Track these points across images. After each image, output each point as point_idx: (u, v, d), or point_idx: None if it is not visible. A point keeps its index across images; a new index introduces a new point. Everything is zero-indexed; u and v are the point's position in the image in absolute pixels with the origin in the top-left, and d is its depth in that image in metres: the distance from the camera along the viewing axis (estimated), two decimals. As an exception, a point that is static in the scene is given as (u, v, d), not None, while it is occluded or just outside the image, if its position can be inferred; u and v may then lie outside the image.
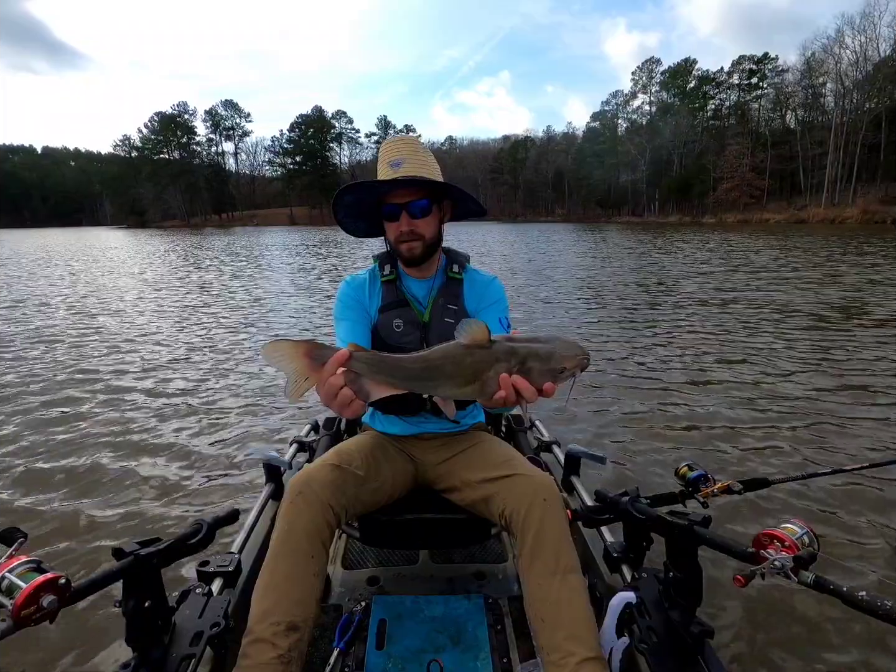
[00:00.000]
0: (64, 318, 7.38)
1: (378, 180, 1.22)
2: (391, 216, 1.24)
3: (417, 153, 1.23)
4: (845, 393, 3.83)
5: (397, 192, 1.22)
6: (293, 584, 0.99)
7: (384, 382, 0.81)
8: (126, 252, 22.76)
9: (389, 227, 1.27)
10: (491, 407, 0.85)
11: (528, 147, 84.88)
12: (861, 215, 35.33)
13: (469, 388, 0.80)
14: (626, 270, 12.44)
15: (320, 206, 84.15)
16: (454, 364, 0.79)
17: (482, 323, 0.78)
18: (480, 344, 0.77)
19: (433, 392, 0.83)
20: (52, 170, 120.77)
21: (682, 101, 63.48)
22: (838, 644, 1.64)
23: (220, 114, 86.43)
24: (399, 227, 1.24)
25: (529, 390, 0.77)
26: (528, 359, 0.76)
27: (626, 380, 4.30)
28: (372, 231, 1.39)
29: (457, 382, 0.80)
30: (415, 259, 1.27)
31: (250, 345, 5.78)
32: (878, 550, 2.09)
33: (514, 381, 0.77)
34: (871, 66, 43.35)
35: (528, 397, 0.77)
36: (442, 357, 0.79)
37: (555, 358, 0.76)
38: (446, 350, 0.79)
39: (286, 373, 0.79)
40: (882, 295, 7.93)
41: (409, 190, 1.22)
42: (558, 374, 0.77)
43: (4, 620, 0.69)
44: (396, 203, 1.22)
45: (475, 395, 0.81)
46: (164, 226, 76.30)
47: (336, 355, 0.78)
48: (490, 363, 0.77)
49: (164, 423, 3.51)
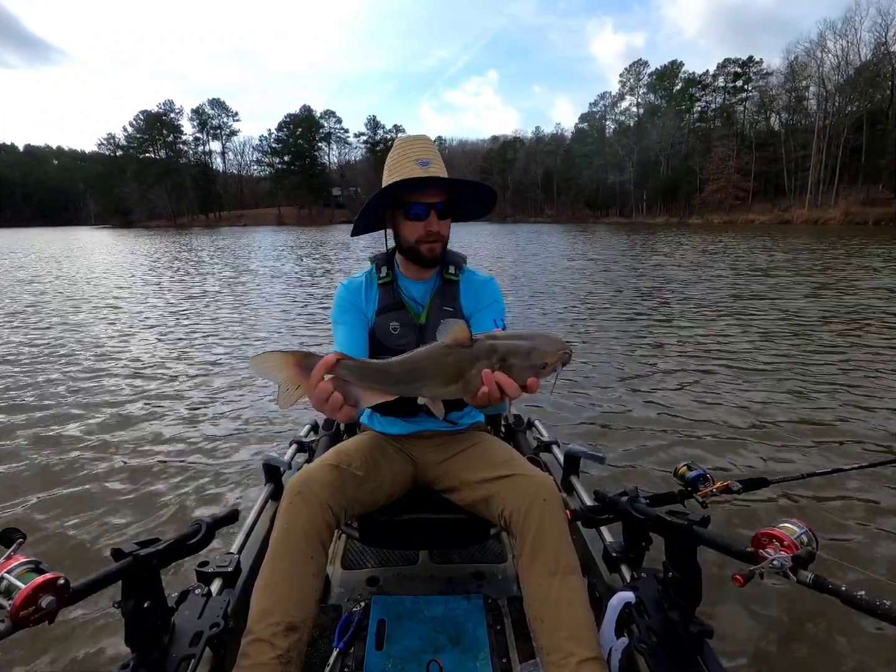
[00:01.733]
0: (65, 315, 7.25)
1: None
2: (417, 216, 1.22)
3: (438, 155, 1.25)
4: (846, 393, 3.87)
5: (427, 192, 1.21)
6: (292, 585, 0.99)
7: (372, 389, 0.83)
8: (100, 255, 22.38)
9: (412, 227, 1.24)
10: (477, 405, 0.86)
11: (516, 148, 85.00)
12: (843, 216, 36.03)
13: (453, 386, 0.81)
14: (625, 270, 12.48)
15: (309, 206, 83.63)
16: (437, 364, 0.80)
17: (462, 322, 0.79)
18: (462, 343, 0.78)
19: (419, 393, 0.84)
20: (35, 168, 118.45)
21: (669, 103, 64.06)
22: (837, 644, 1.65)
23: (208, 112, 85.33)
24: (427, 226, 1.23)
25: (512, 386, 0.77)
26: (509, 355, 0.77)
27: (626, 380, 4.33)
28: (369, 228, 1.38)
29: (440, 382, 0.81)
30: (435, 260, 1.27)
31: (250, 345, 5.77)
32: (877, 550, 2.11)
33: (497, 378, 0.77)
34: (853, 69, 44.09)
35: (511, 393, 0.78)
36: (424, 358, 0.81)
37: (536, 354, 0.77)
38: (429, 351, 0.81)
39: (277, 382, 0.80)
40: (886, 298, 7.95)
41: (438, 191, 1.22)
42: (540, 369, 0.78)
43: (3, 621, 0.69)
44: (426, 202, 1.21)
45: (460, 394, 0.83)
46: (150, 226, 75.23)
47: (322, 361, 0.79)
48: (472, 361, 0.78)
49: (163, 424, 3.51)
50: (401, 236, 1.28)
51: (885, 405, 3.61)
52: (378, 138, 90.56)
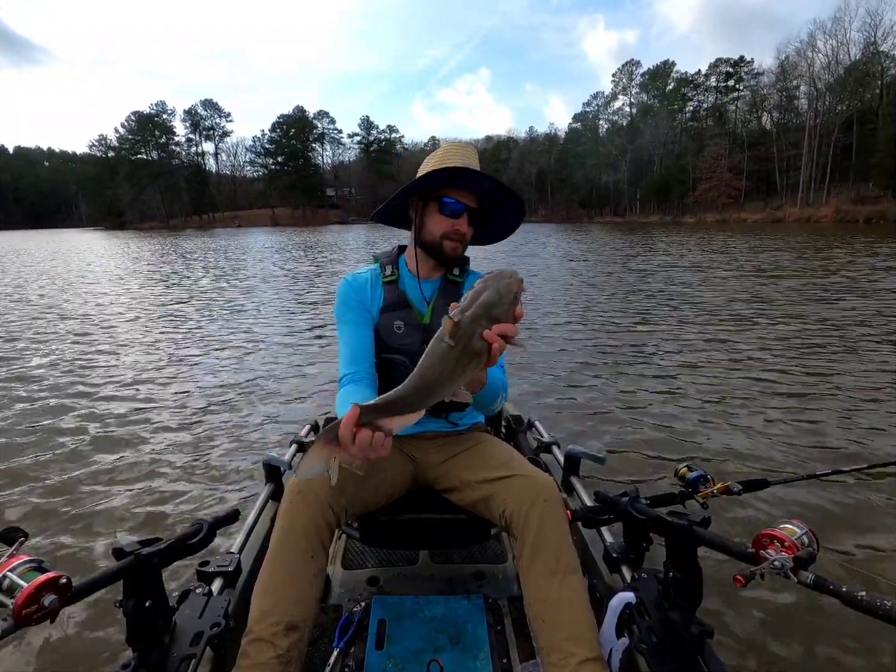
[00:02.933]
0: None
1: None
2: (454, 212, 1.23)
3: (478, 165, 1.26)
4: (846, 392, 3.88)
5: (465, 194, 1.23)
6: (292, 585, 0.99)
7: (400, 419, 0.83)
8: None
9: (441, 222, 1.24)
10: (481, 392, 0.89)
11: (510, 147, 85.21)
12: (834, 215, 36.38)
13: (469, 368, 0.82)
14: (625, 270, 12.47)
15: (303, 206, 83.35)
16: (444, 362, 0.80)
17: (445, 317, 0.80)
18: (452, 332, 0.79)
19: (442, 397, 0.84)
20: (26, 170, 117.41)
21: (662, 102, 64.41)
22: (838, 644, 1.65)
23: (200, 113, 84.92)
24: (457, 224, 1.23)
25: (509, 328, 0.79)
26: (490, 308, 0.79)
27: (626, 380, 4.34)
28: (387, 218, 1.40)
29: (458, 375, 0.82)
30: (455, 258, 1.29)
31: (249, 346, 5.77)
32: (877, 550, 2.11)
33: (497, 330, 0.78)
34: (843, 69, 44.53)
35: (511, 333, 0.79)
36: (431, 366, 0.81)
37: (503, 293, 0.80)
38: (430, 356, 0.81)
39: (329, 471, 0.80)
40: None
41: (473, 197, 1.24)
42: (515, 303, 0.81)
43: (5, 620, 0.69)
44: (464, 203, 1.22)
45: (477, 369, 0.83)
46: (143, 227, 74.76)
47: (345, 421, 0.77)
48: (469, 337, 0.79)
49: (163, 425, 3.50)
50: (426, 229, 1.27)
51: (885, 406, 3.61)
52: (372, 139, 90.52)
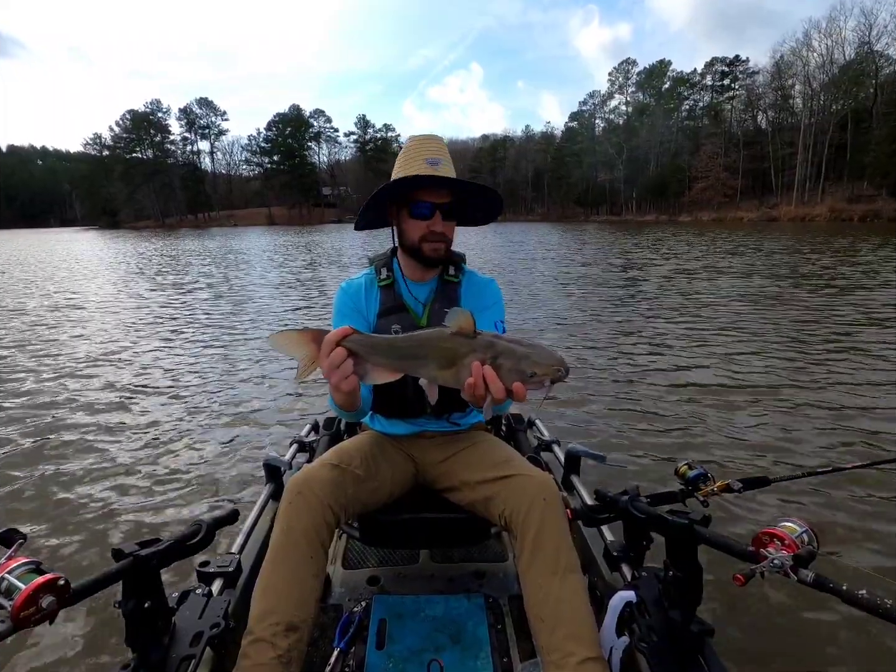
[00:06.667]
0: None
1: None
2: (422, 214, 1.21)
3: (448, 156, 1.24)
4: (846, 390, 3.89)
5: (433, 192, 1.20)
6: (292, 585, 0.99)
7: (378, 364, 0.88)
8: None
9: (415, 225, 1.23)
10: (470, 400, 0.85)
11: (507, 146, 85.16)
12: (829, 213, 36.60)
13: (447, 372, 0.84)
14: (626, 270, 12.47)
15: (299, 205, 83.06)
16: (436, 347, 0.83)
17: (469, 313, 0.80)
18: (466, 333, 0.80)
19: (419, 373, 0.87)
20: (19, 168, 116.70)
21: (658, 101, 64.51)
22: (838, 643, 1.66)
23: (195, 112, 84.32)
24: (430, 226, 1.22)
25: (496, 385, 0.77)
26: (501, 355, 0.79)
27: (626, 380, 4.34)
28: (373, 224, 1.38)
29: (436, 365, 0.84)
30: (439, 260, 1.27)
31: (248, 346, 5.76)
32: (878, 548, 2.12)
33: (484, 372, 0.78)
34: (837, 68, 44.69)
35: (495, 392, 0.78)
36: (427, 339, 0.85)
37: (527, 361, 0.78)
38: (432, 333, 0.85)
39: (295, 358, 0.88)
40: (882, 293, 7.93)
41: (445, 192, 1.21)
42: (527, 377, 0.78)
43: (4, 622, 0.68)
44: (432, 202, 1.20)
45: (451, 380, 0.85)
46: (138, 226, 74.37)
47: (334, 332, 0.84)
48: (467, 352, 0.81)
49: (163, 425, 3.49)
50: (404, 234, 1.27)
51: (885, 404, 3.62)
52: (368, 137, 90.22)
